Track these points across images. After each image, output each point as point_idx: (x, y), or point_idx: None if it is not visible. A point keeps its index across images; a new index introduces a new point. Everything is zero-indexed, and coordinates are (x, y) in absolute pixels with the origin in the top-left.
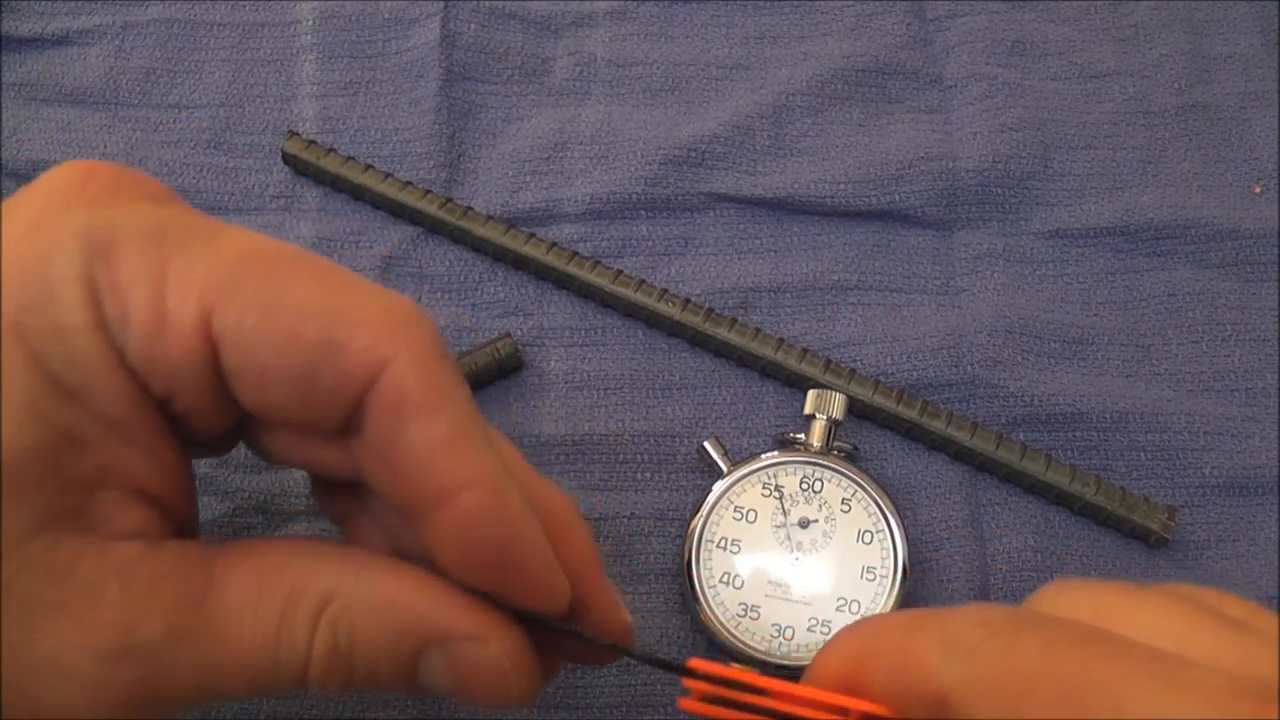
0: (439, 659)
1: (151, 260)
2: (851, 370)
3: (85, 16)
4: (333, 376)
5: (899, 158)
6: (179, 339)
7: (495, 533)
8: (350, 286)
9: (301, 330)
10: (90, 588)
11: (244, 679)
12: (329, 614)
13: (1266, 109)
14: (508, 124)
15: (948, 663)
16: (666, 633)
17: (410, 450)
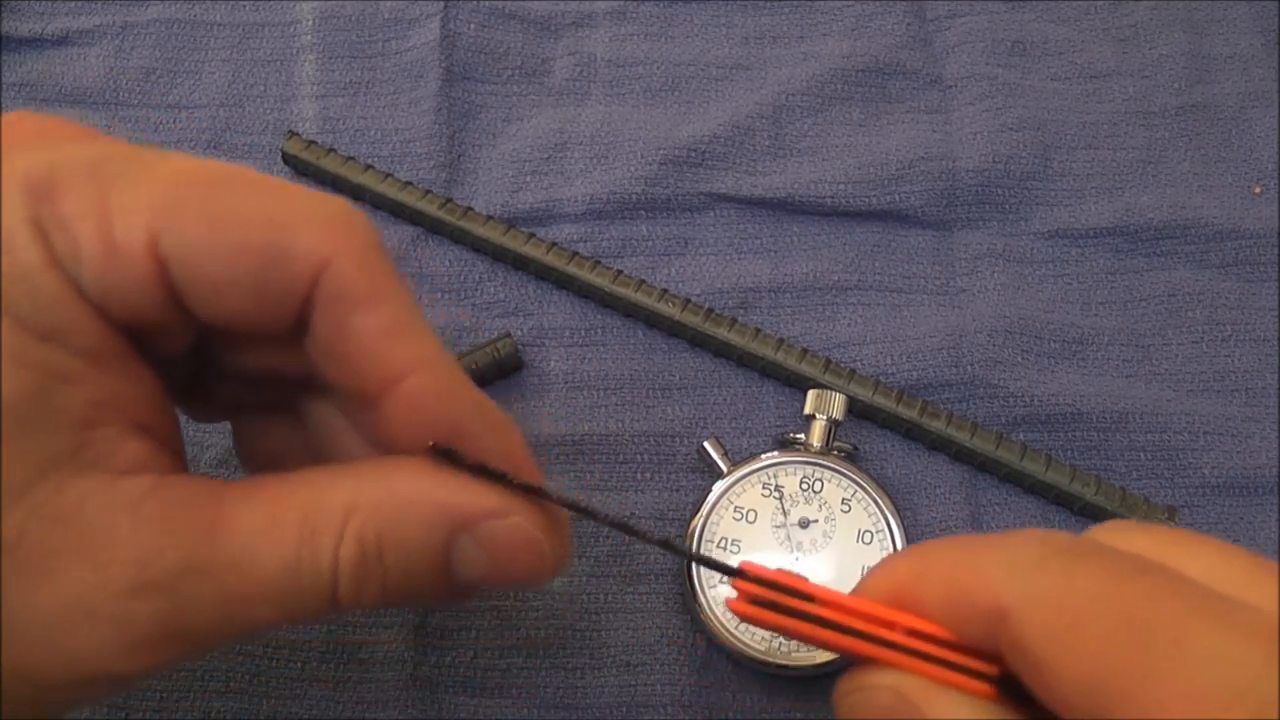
0: (470, 545)
1: (93, 193)
2: (851, 370)
3: (85, 16)
4: (280, 280)
5: (899, 158)
6: (130, 265)
7: (443, 411)
8: (288, 194)
9: (246, 240)
10: (102, 528)
11: (270, 606)
12: (353, 526)
13: (1266, 109)
14: (508, 124)
15: (1008, 580)
16: (666, 633)
17: (356, 340)
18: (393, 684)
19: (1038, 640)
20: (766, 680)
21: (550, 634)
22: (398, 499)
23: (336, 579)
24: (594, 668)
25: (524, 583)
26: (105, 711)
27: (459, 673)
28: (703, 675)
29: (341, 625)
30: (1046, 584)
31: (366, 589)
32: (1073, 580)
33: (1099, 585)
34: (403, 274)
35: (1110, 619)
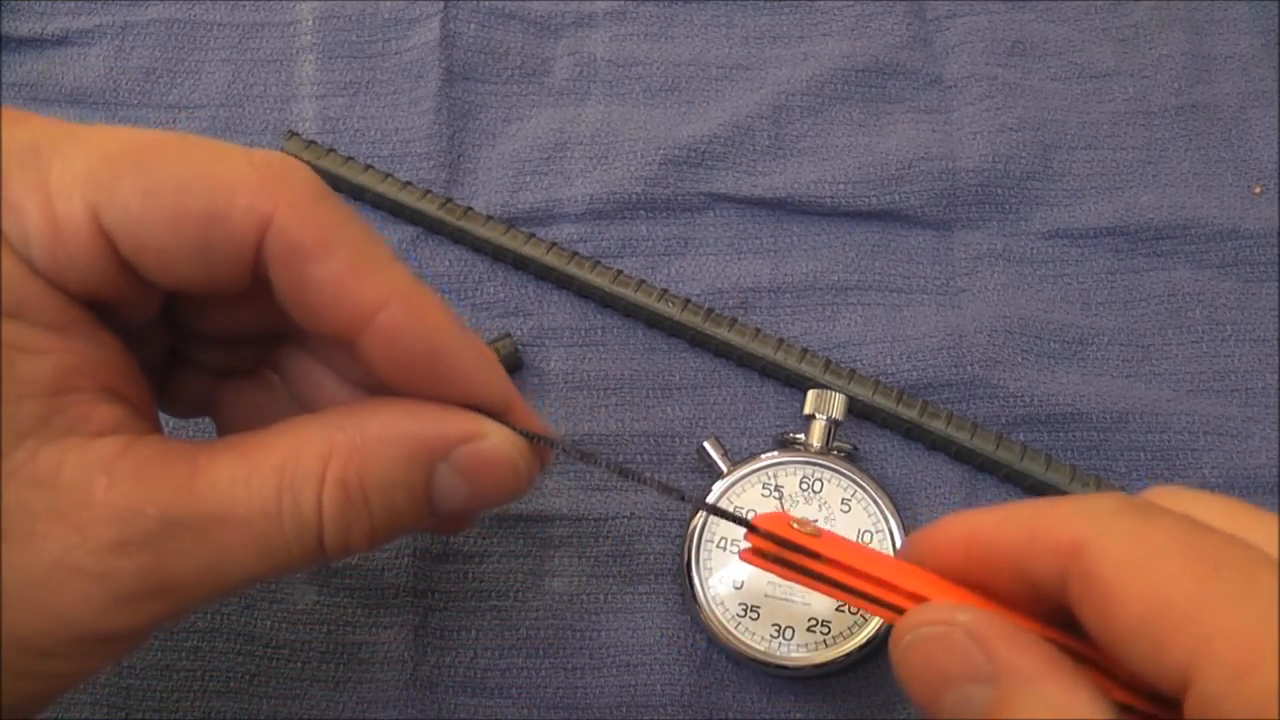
0: (449, 472)
1: (32, 173)
2: (851, 370)
3: (85, 16)
4: (224, 242)
5: (899, 158)
6: (76, 239)
7: (418, 342)
8: (222, 154)
9: (184, 206)
10: (79, 487)
11: (254, 556)
12: (332, 470)
13: (1266, 109)
14: (508, 124)
15: (1087, 520)
16: (666, 633)
17: (317, 290)
18: (393, 684)
19: (1109, 569)
20: (766, 680)
21: (550, 634)
22: (374, 438)
23: (321, 524)
24: (594, 668)
25: (502, 502)
26: (105, 712)
27: (459, 673)
28: (703, 675)
29: (341, 625)
30: (1124, 524)
31: (354, 532)
32: (1152, 524)
33: (1174, 528)
34: (350, 214)
35: (1184, 555)
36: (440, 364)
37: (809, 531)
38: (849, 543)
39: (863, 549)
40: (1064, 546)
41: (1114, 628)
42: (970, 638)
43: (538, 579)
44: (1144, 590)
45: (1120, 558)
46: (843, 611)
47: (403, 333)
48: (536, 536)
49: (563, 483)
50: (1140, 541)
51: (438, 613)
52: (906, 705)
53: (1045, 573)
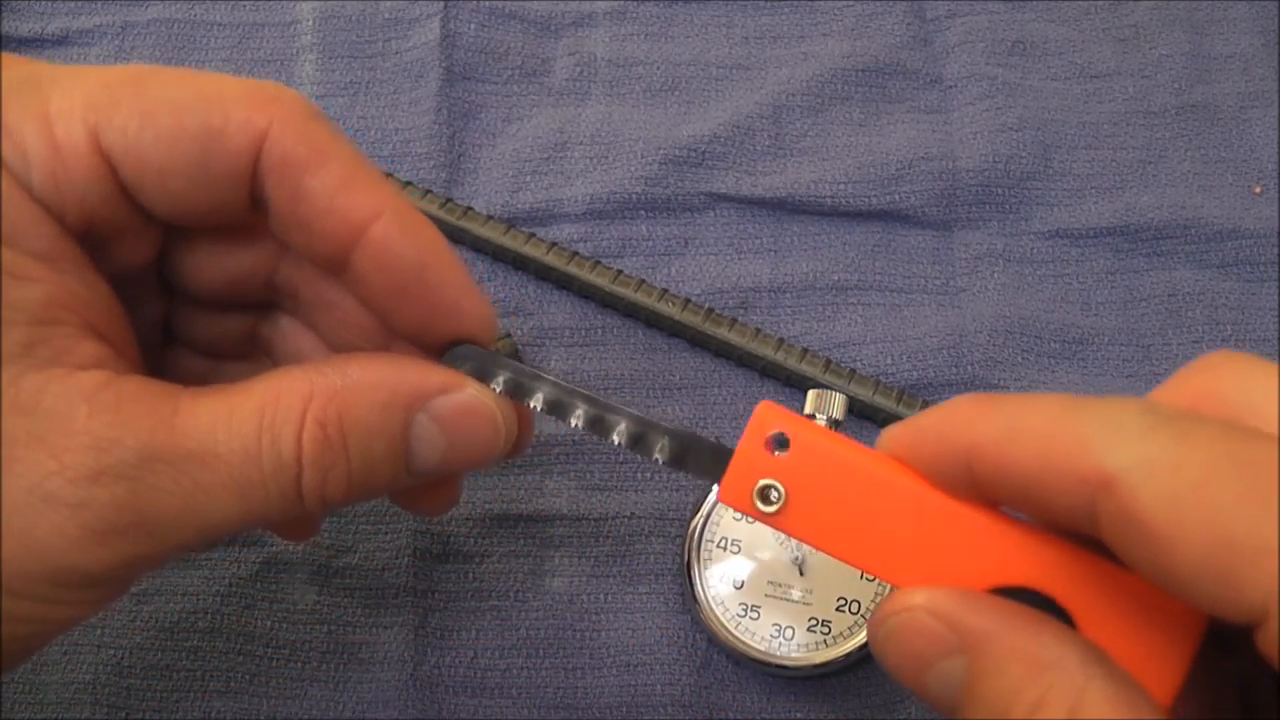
0: (427, 423)
1: (31, 101)
2: (851, 370)
3: (85, 16)
4: (221, 157)
5: (899, 158)
6: (76, 161)
7: (410, 250)
8: (217, 79)
9: (181, 124)
10: (59, 415)
11: (232, 497)
12: (312, 410)
13: (1266, 109)
14: (508, 124)
15: (1116, 446)
16: (666, 633)
17: (312, 202)
18: (393, 684)
19: (1153, 507)
20: (766, 680)
21: (550, 634)
22: (354, 383)
23: (300, 466)
24: (594, 668)
25: (480, 461)
26: (105, 712)
27: (459, 673)
28: (703, 675)
29: (341, 625)
30: (1160, 448)
31: (332, 477)
32: (1191, 444)
33: (1221, 447)
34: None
35: (1239, 480)
36: (429, 276)
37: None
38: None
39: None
40: (1090, 478)
41: (1171, 568)
42: (932, 616)
43: (538, 579)
44: (1200, 528)
45: (1164, 492)
46: (843, 611)
47: (395, 243)
48: (536, 536)
49: (563, 483)
50: (1183, 469)
51: (438, 613)
52: (906, 705)
53: (1069, 504)
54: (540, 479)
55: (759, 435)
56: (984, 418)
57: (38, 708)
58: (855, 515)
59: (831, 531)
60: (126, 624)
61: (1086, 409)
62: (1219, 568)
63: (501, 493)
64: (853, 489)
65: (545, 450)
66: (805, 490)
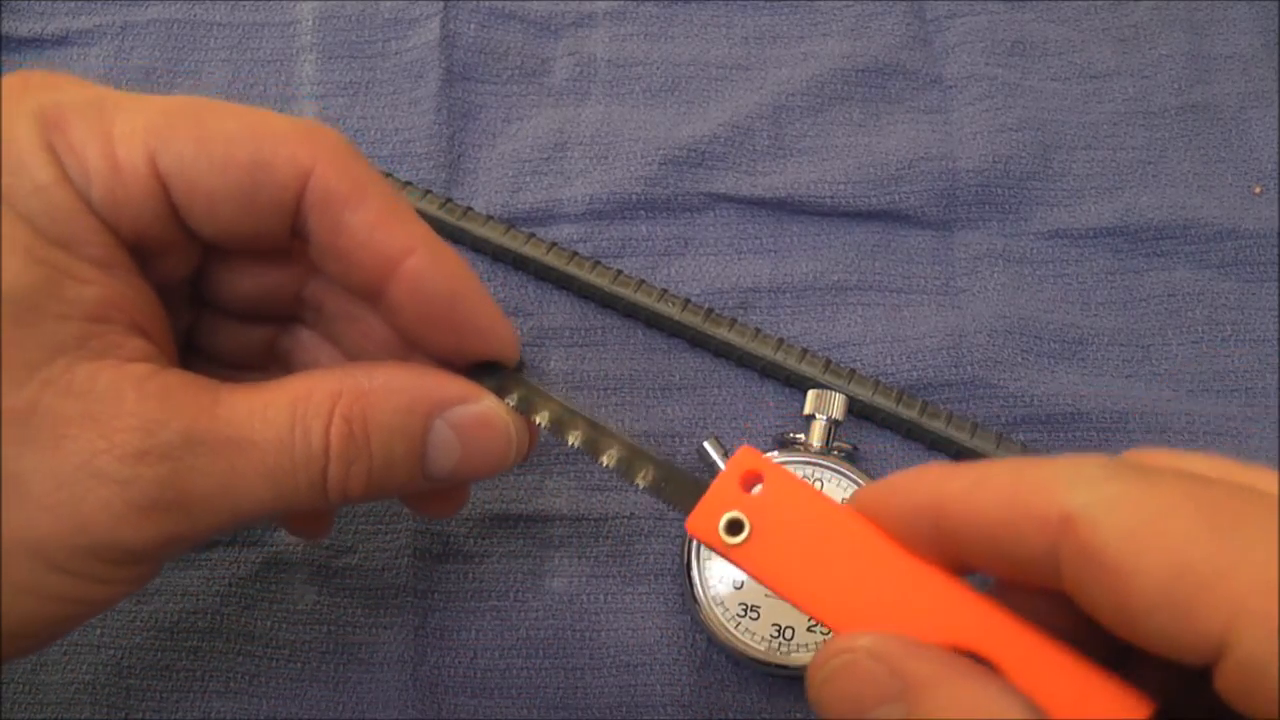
0: (444, 429)
1: (97, 123)
2: (851, 370)
3: (85, 16)
4: (268, 188)
5: (899, 158)
6: (134, 180)
7: (442, 285)
8: (266, 115)
9: (234, 154)
10: (110, 398)
11: (265, 483)
12: (340, 407)
13: (1266, 109)
14: (508, 124)
15: (1076, 488)
16: (666, 633)
17: (352, 236)
18: (393, 684)
19: (1113, 540)
20: (766, 680)
21: (550, 634)
22: (380, 386)
23: (328, 458)
24: (594, 668)
25: (491, 470)
26: (105, 712)
27: (459, 673)
28: (703, 675)
29: (341, 625)
30: (1119, 488)
31: (354, 472)
32: (1151, 483)
33: (1179, 487)
34: (380, 174)
35: (1194, 512)
36: (460, 307)
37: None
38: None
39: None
40: (1051, 519)
41: (1128, 604)
42: (873, 659)
43: (538, 579)
44: (1158, 558)
45: (1123, 526)
46: None
47: (428, 277)
48: (536, 536)
49: (563, 483)
50: (1141, 505)
51: (438, 613)
52: None
53: (1030, 549)
54: (540, 479)
55: (736, 473)
56: (952, 474)
57: (38, 708)
58: (814, 560)
59: (788, 573)
60: (126, 624)
61: (1048, 461)
62: (1176, 597)
63: (501, 493)
64: (816, 535)
65: (545, 450)
66: (770, 529)
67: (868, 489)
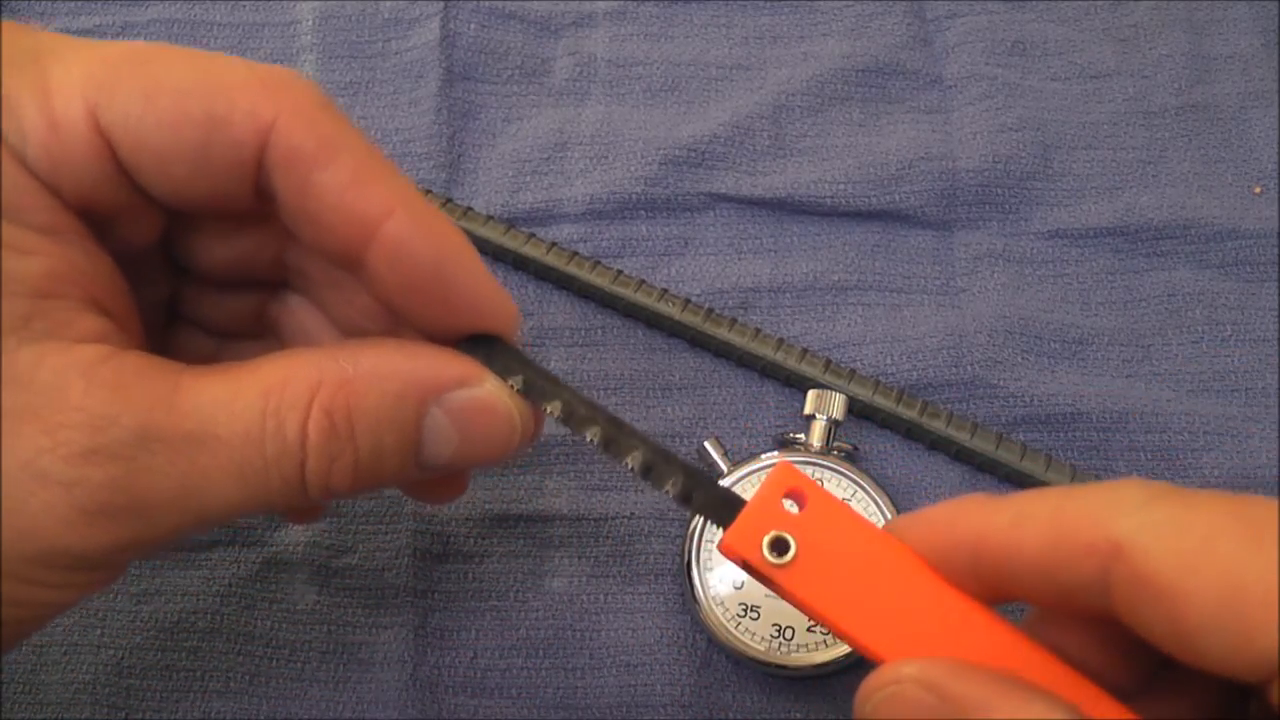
0: (440, 417)
1: (32, 74)
2: (851, 370)
3: (85, 16)
4: (224, 147)
5: (899, 158)
6: (73, 138)
7: (425, 249)
8: (225, 63)
9: (185, 109)
10: (55, 390)
11: (232, 482)
12: (320, 399)
13: (1266, 109)
14: (508, 124)
15: (1121, 515)
16: (666, 633)
17: (322, 198)
18: (393, 684)
19: (1163, 566)
20: (766, 680)
21: (550, 634)
22: (366, 373)
23: (305, 453)
24: (594, 668)
25: (492, 459)
26: (105, 712)
27: (459, 673)
28: (703, 675)
29: (341, 625)
30: (1165, 513)
31: (338, 467)
32: (1194, 506)
33: (1221, 506)
34: (354, 127)
35: (1241, 532)
36: (447, 275)
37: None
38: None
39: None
40: (1100, 548)
41: (1182, 626)
42: (920, 687)
43: (538, 579)
44: (1210, 579)
45: (1173, 550)
46: None
47: (409, 241)
48: (536, 536)
49: (563, 483)
50: (1189, 527)
51: (438, 613)
52: None
53: (1079, 579)
54: (540, 479)
55: (777, 491)
56: (991, 509)
57: (37, 708)
58: (857, 586)
59: (832, 598)
60: (126, 624)
61: (1087, 490)
62: (1230, 618)
63: (501, 493)
64: (858, 559)
65: (545, 450)
66: (815, 550)
67: (904, 519)
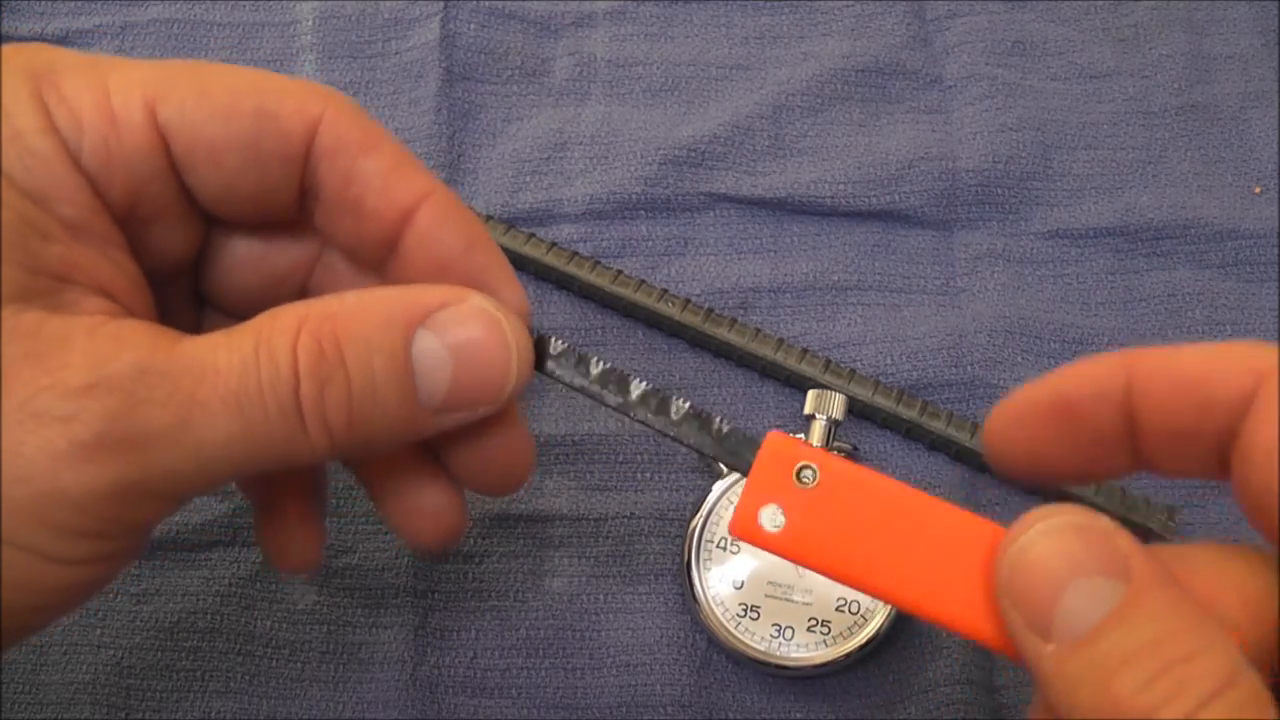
0: (430, 340)
1: (91, 76)
2: (851, 370)
3: (85, 16)
4: (275, 137)
5: (899, 158)
6: (131, 131)
7: (456, 235)
8: (269, 74)
9: (237, 105)
10: (59, 339)
11: (230, 412)
12: (307, 328)
13: (1266, 109)
14: (508, 124)
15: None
16: (666, 633)
17: (365, 181)
18: (393, 684)
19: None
20: (766, 680)
21: (550, 634)
22: (351, 306)
23: (297, 378)
24: (594, 668)
25: (495, 391)
26: (105, 712)
27: (459, 673)
28: (703, 675)
29: (341, 625)
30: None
31: (331, 394)
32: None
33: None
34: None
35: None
36: (474, 259)
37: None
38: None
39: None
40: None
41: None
42: (1104, 533)
43: (538, 579)
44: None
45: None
46: (842, 611)
47: (442, 225)
48: (536, 536)
49: (563, 483)
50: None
51: (438, 613)
52: (906, 705)
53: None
54: (540, 479)
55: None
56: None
57: (37, 708)
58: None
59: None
60: (126, 624)
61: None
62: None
63: None
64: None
65: (545, 450)
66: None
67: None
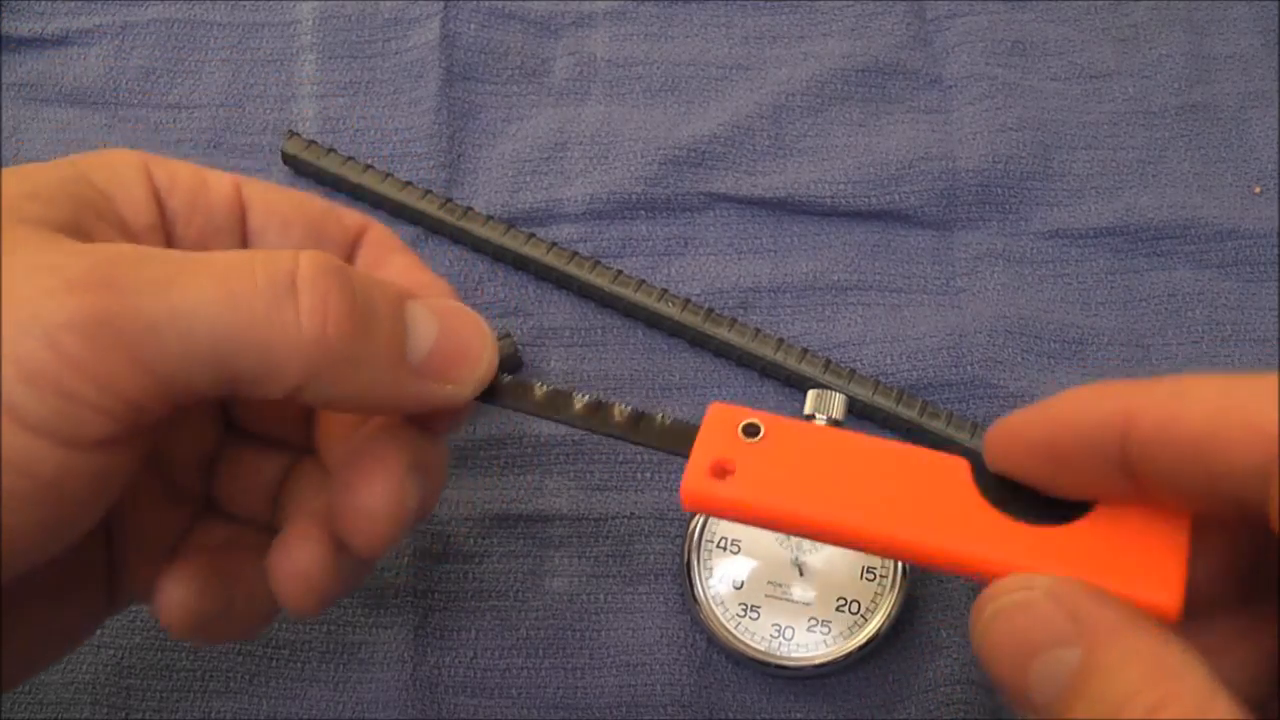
0: (420, 307)
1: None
2: (851, 370)
3: (85, 16)
4: (336, 228)
5: (899, 158)
6: (219, 192)
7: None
8: None
9: (307, 202)
10: None
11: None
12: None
13: (1266, 109)
14: (508, 124)
15: None
16: (666, 633)
17: (396, 272)
18: (393, 684)
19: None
20: (766, 680)
21: (550, 634)
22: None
23: (296, 265)
24: (594, 668)
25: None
26: (105, 712)
27: (459, 673)
28: (703, 675)
29: (341, 625)
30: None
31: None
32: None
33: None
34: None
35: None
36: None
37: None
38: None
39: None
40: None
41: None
42: (1051, 600)
43: (538, 579)
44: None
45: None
46: (842, 611)
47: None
48: (536, 536)
49: (563, 483)
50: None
51: (438, 613)
52: (906, 705)
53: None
54: (540, 479)
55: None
56: (1141, 384)
57: (37, 708)
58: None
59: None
60: (126, 624)
61: (1255, 377)
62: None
63: (501, 493)
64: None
65: (545, 450)
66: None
67: (1029, 409)
